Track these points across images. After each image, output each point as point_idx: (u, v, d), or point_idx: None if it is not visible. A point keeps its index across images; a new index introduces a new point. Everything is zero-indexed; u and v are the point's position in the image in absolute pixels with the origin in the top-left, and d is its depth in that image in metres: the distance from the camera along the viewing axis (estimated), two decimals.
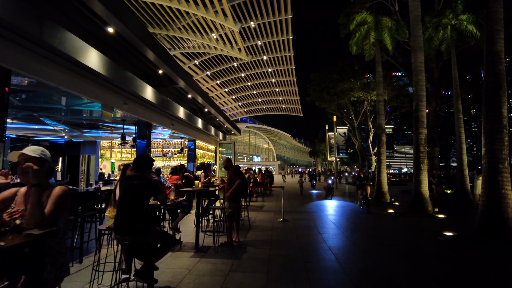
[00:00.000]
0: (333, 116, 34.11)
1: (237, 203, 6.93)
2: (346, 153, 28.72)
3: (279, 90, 64.85)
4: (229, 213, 6.78)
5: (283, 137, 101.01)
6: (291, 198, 17.96)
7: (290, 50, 49.66)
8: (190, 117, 10.53)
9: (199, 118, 11.63)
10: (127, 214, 3.62)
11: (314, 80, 34.40)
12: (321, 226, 9.38)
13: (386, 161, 30.39)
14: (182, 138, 12.78)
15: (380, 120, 16.77)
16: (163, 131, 11.51)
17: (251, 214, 11.41)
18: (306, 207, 14.27)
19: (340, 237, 7.88)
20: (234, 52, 40.98)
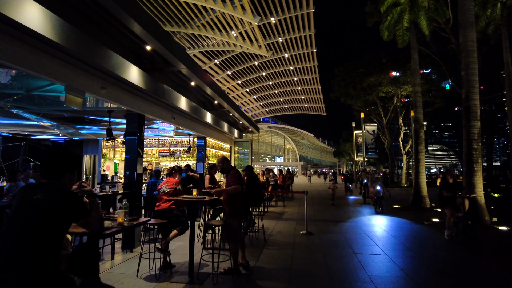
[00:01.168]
0: (359, 113, 31.77)
1: (239, 218, 5.15)
2: (376, 152, 26.32)
3: (301, 89, 62.64)
4: (229, 232, 5.02)
5: (306, 137, 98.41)
6: (316, 203, 16.00)
7: (312, 47, 47.40)
8: (196, 110, 8.86)
9: (208, 112, 9.96)
10: (12, 259, 1.91)
11: (338, 76, 32.19)
12: (355, 242, 7.45)
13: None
14: (190, 135, 11.15)
15: (417, 113, 14.52)
16: (166, 127, 9.94)
17: (268, 224, 9.61)
18: (336, 217, 12.32)
19: (381, 259, 5.93)
20: (254, 48, 39.31)
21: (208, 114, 10.38)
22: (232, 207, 5.03)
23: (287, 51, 48.28)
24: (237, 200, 5.09)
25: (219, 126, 11.77)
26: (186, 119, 9.42)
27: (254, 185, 7.38)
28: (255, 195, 7.27)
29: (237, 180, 5.08)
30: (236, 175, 5.15)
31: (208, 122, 10.43)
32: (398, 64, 28.25)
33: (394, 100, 30.44)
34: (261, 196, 7.50)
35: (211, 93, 9.90)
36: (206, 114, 10.18)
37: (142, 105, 6.95)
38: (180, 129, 10.30)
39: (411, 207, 13.92)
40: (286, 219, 10.81)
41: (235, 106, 12.59)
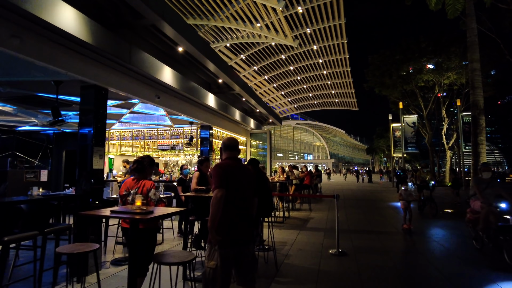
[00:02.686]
0: (396, 105, 28.53)
1: (223, 248, 2.81)
2: (416, 147, 23.09)
3: (331, 83, 59.23)
4: (205, 275, 2.76)
5: (336, 134, 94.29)
6: (349, 206, 13.45)
7: (343, 37, 44.15)
8: (195, 90, 6.74)
9: (211, 95, 7.80)
10: None
11: (372, 64, 29.08)
12: (413, 272, 4.98)
13: (455, 157, 24.25)
14: (192, 123, 9.02)
15: (476, 96, 11.56)
16: (158, 112, 7.83)
17: (287, 235, 7.29)
18: (378, 227, 9.80)
19: None
20: (280, 38, 36.81)
21: (211, 97, 8.19)
22: (211, 226, 2.75)
23: (316, 43, 45.33)
24: (215, 215, 2.80)
25: (229, 113, 9.56)
26: (178, 100, 7.27)
27: (259, 187, 5.13)
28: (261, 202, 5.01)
29: (217, 180, 2.80)
30: (217, 170, 2.86)
31: (212, 106, 8.24)
32: (440, 48, 24.77)
33: (435, 90, 26.94)
34: (269, 203, 5.24)
35: (215, 69, 7.71)
36: (208, 96, 7.99)
37: (99, 72, 4.85)
38: (174, 115, 8.18)
39: None
40: (311, 228, 8.41)
41: (249, 90, 10.34)
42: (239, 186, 2.88)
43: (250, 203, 3.01)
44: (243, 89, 9.61)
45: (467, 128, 21.74)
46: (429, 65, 27.45)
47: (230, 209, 2.79)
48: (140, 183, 3.67)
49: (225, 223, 2.76)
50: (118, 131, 10.08)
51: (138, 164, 3.77)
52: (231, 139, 3.14)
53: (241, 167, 3.03)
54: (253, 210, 3.09)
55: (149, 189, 3.62)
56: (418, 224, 8.94)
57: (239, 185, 2.88)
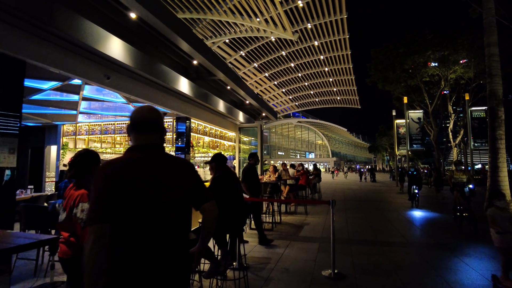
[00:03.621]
0: (399, 101, 27.09)
1: None
2: (422, 144, 21.67)
3: (333, 80, 57.68)
4: None
5: (338, 132, 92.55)
6: (350, 208, 12.08)
7: (344, 32, 42.68)
8: (163, 73, 5.30)
9: (184, 79, 6.40)
10: None
11: (375, 58, 27.61)
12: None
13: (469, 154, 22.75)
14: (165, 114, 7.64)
15: (494, 84, 10.12)
16: (108, 96, 6.45)
17: (273, 247, 5.93)
18: (384, 235, 8.46)
19: None
20: (279, 32, 35.34)
21: (185, 82, 6.85)
22: None
23: (317, 39, 43.87)
24: (93, 278, 1.40)
25: (211, 103, 8.21)
26: (139, 84, 5.92)
27: (224, 189, 3.84)
28: (228, 212, 3.70)
29: (92, 206, 1.42)
30: (96, 181, 1.46)
31: (186, 94, 6.90)
32: (447, 40, 23.26)
33: (441, 84, 25.44)
34: (239, 215, 3.94)
35: (188, 49, 6.38)
36: (180, 80, 6.64)
37: (16, 41, 3.52)
38: (137, 103, 6.82)
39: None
40: (304, 238, 7.05)
41: (236, 77, 8.98)
42: (150, 206, 1.44)
43: (175, 232, 1.52)
44: (228, 76, 8.25)
45: (476, 123, 20.31)
46: (432, 63, 26.04)
47: (131, 257, 1.41)
48: (71, 194, 2.32)
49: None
50: (86, 125, 8.79)
51: (74, 165, 2.40)
52: (142, 109, 1.65)
53: (156, 165, 1.53)
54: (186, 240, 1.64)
55: (73, 205, 2.26)
56: (452, 243, 7.57)
57: (148, 204, 1.44)
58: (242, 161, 10.93)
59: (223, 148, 10.48)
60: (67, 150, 8.92)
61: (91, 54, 4.59)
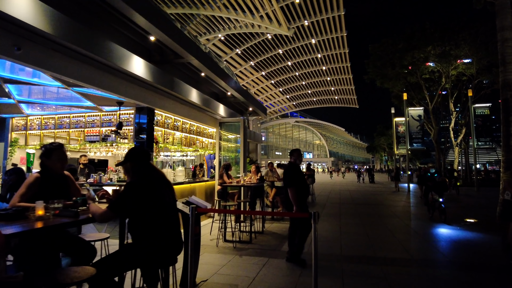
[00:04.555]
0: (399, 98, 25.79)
1: None
2: (422, 143, 20.37)
3: (330, 79, 56.38)
4: None
5: (336, 132, 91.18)
6: (345, 213, 10.82)
7: (342, 30, 41.39)
8: (106, 50, 3.91)
9: (140, 60, 5.08)
10: None
11: (373, 54, 26.32)
12: None
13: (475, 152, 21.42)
14: (121, 104, 6.31)
15: (508, 73, 8.83)
16: (39, 79, 5.14)
17: (245, 267, 4.65)
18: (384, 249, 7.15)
19: None
20: (274, 27, 34.02)
21: (141, 64, 5.54)
22: None
23: (314, 36, 42.59)
24: None
25: (182, 93, 6.90)
26: (72, 61, 4.61)
27: (142, 203, 2.52)
28: (150, 239, 2.45)
29: None
30: None
31: (143, 78, 5.59)
32: (448, 34, 21.98)
33: (442, 81, 24.17)
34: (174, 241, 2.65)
35: (145, 23, 5.09)
36: (133, 61, 5.33)
37: None
38: (79, 87, 5.48)
39: (501, 222, 8.42)
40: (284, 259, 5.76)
41: (213, 63, 7.67)
42: None
43: None
44: (201, 59, 6.95)
45: (480, 121, 19.04)
46: (430, 63, 24.83)
47: None
48: None
49: None
50: (39, 118, 7.49)
51: None
52: None
53: None
54: None
55: None
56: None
57: None
58: (225, 160, 9.62)
59: (201, 146, 9.15)
60: (16, 147, 7.60)
61: None
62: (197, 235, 4.29)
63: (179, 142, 7.82)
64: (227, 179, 6.93)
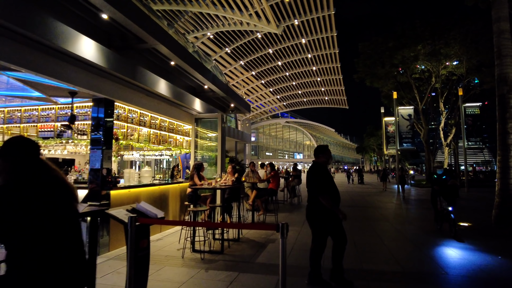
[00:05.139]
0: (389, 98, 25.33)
1: None
2: (412, 143, 19.80)
3: (321, 80, 55.88)
4: None
5: (326, 132, 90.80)
6: None
7: (332, 30, 40.86)
8: (48, 29, 3.04)
9: (92, 43, 4.18)
10: None
11: (363, 53, 25.75)
12: None
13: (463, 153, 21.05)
14: (74, 94, 5.47)
15: (504, 67, 8.21)
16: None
17: (209, 286, 3.86)
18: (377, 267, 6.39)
19: None
20: (262, 25, 33.28)
21: (94, 47, 4.70)
22: None
23: (304, 36, 41.95)
24: None
25: (148, 84, 6.07)
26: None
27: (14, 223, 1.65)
28: None
29: None
30: None
31: (98, 64, 4.75)
32: (439, 33, 21.51)
33: (432, 80, 23.73)
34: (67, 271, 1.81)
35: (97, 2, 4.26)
36: (82, 42, 4.49)
37: None
38: (7, 70, 4.63)
39: (497, 227, 7.79)
40: (261, 266, 4.96)
41: (182, 50, 6.84)
42: None
43: None
44: (167, 44, 6.11)
45: (470, 121, 18.58)
46: (419, 66, 24.46)
47: None
48: None
49: None
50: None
51: None
52: None
53: None
54: None
55: None
56: None
57: None
58: (203, 160, 8.79)
59: (175, 144, 8.30)
60: None
61: None
62: (143, 249, 3.48)
63: (147, 139, 6.97)
64: (198, 180, 6.12)
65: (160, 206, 6.96)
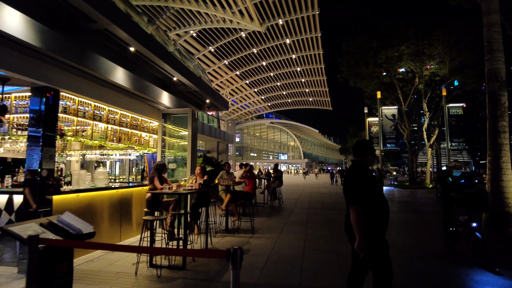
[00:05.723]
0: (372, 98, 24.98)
1: None
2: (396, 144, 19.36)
3: (305, 81, 55.62)
4: None
5: (310, 133, 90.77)
6: (312, 221, 9.42)
7: (316, 31, 40.54)
8: None
9: (24, 18, 3.20)
10: None
11: (347, 52, 25.32)
12: None
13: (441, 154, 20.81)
14: (5, 81, 4.56)
15: (494, 62, 7.67)
16: None
17: None
18: None
19: None
20: (245, 22, 32.49)
21: (24, 22, 3.80)
22: None
23: (289, 36, 41.47)
24: None
25: (101, 71, 5.18)
26: None
27: None
28: None
29: None
30: None
31: (29, 43, 3.86)
32: (422, 33, 21.27)
33: (415, 81, 23.50)
34: None
35: None
36: (5, 14, 3.58)
37: None
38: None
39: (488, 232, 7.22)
40: (229, 285, 4.16)
41: (144, 35, 5.97)
42: None
43: None
44: (125, 28, 5.25)
45: (454, 121, 18.32)
46: (400, 69, 24.26)
47: None
48: None
49: None
50: None
51: None
52: None
53: None
54: None
55: None
56: None
57: None
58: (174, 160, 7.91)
59: (140, 142, 7.38)
60: None
61: None
62: (61, 277, 2.61)
63: (103, 136, 6.05)
64: (159, 184, 5.26)
65: (120, 213, 6.07)
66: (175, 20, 33.79)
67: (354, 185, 2.84)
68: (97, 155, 8.28)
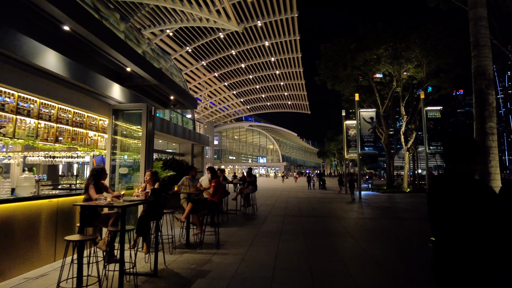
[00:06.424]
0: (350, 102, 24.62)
1: None
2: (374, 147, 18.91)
3: (284, 84, 55.26)
4: None
5: (289, 137, 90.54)
6: (287, 231, 8.55)
7: (295, 33, 40.18)
8: None
9: None
10: None
11: (325, 55, 24.84)
12: None
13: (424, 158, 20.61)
14: None
15: (482, 59, 7.07)
16: None
17: None
18: None
19: None
20: (222, 21, 31.53)
21: None
22: None
23: (267, 39, 40.84)
24: None
25: (20, 52, 4.09)
26: None
27: None
28: None
29: None
30: None
31: None
32: (402, 35, 21.04)
33: (393, 84, 23.28)
34: None
35: None
36: None
37: None
38: None
39: None
40: None
41: (85, 12, 4.91)
42: None
43: None
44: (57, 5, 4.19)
45: (432, 125, 18.05)
46: (377, 75, 24.07)
47: None
48: None
49: None
50: None
51: None
52: None
53: None
54: None
55: None
56: None
57: None
58: (118, 165, 6.76)
59: (86, 143, 6.23)
60: None
61: None
62: None
63: (31, 135, 4.90)
64: (95, 193, 4.21)
65: (55, 228, 4.92)
66: (150, 18, 32.36)
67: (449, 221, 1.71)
68: (41, 158, 7.08)
